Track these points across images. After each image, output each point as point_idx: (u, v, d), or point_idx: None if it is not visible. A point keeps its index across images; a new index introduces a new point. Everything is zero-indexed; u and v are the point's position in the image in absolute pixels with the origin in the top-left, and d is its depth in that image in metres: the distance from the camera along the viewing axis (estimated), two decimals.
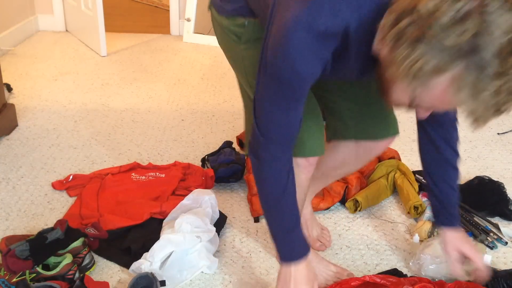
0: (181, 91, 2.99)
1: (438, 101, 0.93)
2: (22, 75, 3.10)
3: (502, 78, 0.84)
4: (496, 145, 2.47)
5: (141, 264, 1.52)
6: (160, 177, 2.05)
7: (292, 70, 1.04)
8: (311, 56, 1.02)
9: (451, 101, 0.90)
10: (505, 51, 0.82)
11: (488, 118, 0.89)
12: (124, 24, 4.11)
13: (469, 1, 0.82)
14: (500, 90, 0.85)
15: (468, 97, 0.87)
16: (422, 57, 0.85)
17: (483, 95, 0.85)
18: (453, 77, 0.86)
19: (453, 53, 0.84)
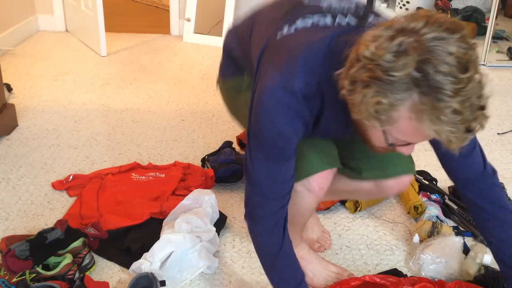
0: (181, 91, 2.99)
1: (409, 133, 0.97)
2: (22, 75, 3.10)
3: (460, 95, 0.87)
4: (496, 145, 2.47)
5: (141, 264, 1.52)
6: (160, 177, 2.05)
7: (274, 132, 1.13)
8: (291, 117, 1.12)
9: (420, 130, 0.94)
10: (455, 69, 0.86)
11: (462, 137, 0.92)
12: (124, 24, 4.11)
13: (406, 36, 0.88)
14: (463, 107, 0.88)
15: (432, 121, 0.90)
16: (377, 96, 0.91)
17: (446, 115, 0.89)
18: (411, 107, 0.91)
19: (404, 84, 0.89)
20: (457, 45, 0.88)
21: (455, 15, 4.24)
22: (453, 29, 0.89)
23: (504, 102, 2.99)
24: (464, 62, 0.88)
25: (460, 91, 0.87)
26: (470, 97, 0.88)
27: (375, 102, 0.91)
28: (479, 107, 0.91)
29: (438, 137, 0.93)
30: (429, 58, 0.87)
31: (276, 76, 1.10)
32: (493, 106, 2.93)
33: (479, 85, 0.91)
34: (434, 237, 1.71)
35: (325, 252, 1.70)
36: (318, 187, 1.35)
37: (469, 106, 0.88)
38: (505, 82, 3.31)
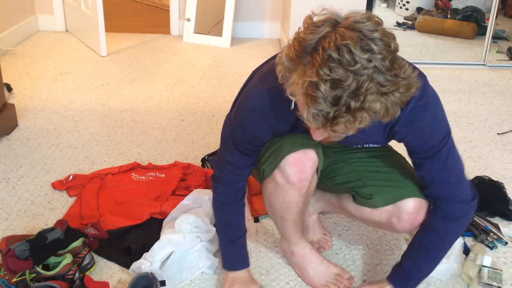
0: (181, 91, 2.99)
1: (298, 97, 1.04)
2: (22, 75, 3.10)
3: (325, 78, 0.96)
4: (496, 145, 2.47)
5: (141, 264, 1.52)
6: (160, 177, 2.05)
7: (246, 131, 1.30)
8: (260, 118, 1.28)
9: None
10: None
11: (316, 117, 0.99)
12: (124, 24, 4.11)
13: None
14: (325, 87, 0.96)
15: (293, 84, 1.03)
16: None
17: (304, 83, 0.99)
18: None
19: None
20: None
21: (455, 15, 4.24)
22: None
23: (504, 102, 2.99)
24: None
25: (327, 72, 0.94)
26: (340, 87, 0.94)
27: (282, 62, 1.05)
28: (346, 103, 0.95)
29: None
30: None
31: (257, 81, 1.29)
32: (493, 106, 2.93)
33: (357, 84, 0.94)
34: None
35: (325, 252, 1.70)
36: (296, 177, 1.35)
37: (334, 91, 0.95)
38: (505, 82, 3.31)
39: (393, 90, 0.98)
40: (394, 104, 1.00)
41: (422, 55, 3.75)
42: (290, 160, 1.34)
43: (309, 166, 1.36)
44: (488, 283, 1.56)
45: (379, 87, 0.96)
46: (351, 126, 0.99)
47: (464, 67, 3.54)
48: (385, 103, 0.98)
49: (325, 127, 1.00)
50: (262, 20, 4.04)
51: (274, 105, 1.25)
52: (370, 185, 1.44)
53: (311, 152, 1.36)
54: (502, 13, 4.55)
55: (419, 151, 1.27)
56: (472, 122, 2.71)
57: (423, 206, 1.40)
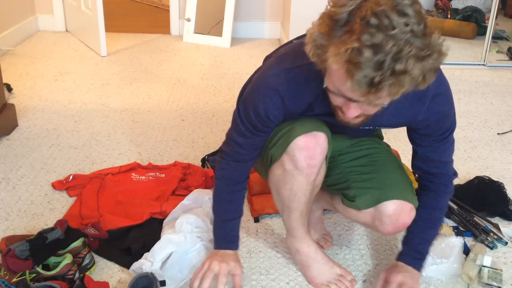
0: (181, 91, 2.99)
1: (334, 75, 1.05)
2: (22, 75, 3.10)
3: (369, 41, 0.97)
4: (496, 145, 2.47)
5: (142, 264, 1.52)
6: (160, 177, 2.05)
7: (256, 111, 1.30)
8: (275, 98, 1.28)
9: (334, 69, 1.04)
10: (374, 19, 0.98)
11: (359, 83, 0.99)
12: (124, 24, 4.11)
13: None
14: (369, 52, 0.96)
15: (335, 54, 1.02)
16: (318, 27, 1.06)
17: (348, 50, 0.99)
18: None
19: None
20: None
21: (455, 15, 4.24)
22: None
23: (504, 102, 2.99)
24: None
25: (369, 37, 0.95)
26: (382, 51, 0.95)
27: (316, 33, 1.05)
28: (391, 67, 0.96)
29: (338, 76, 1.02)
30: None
31: (273, 62, 1.30)
32: (493, 106, 2.93)
33: (398, 48, 0.95)
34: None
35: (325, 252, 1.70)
36: (305, 162, 1.35)
37: (376, 56, 0.95)
38: (505, 82, 3.31)
39: (429, 55, 0.99)
40: (430, 70, 1.01)
41: None
42: (299, 144, 1.33)
43: (318, 151, 1.35)
44: (488, 283, 1.56)
45: (418, 51, 0.97)
46: (395, 90, 1.00)
47: (464, 67, 3.54)
48: (422, 68, 0.99)
49: (369, 94, 1.00)
50: (262, 20, 4.04)
51: (290, 85, 1.25)
52: (354, 187, 1.46)
53: (322, 136, 1.35)
54: (502, 13, 4.55)
55: (432, 135, 1.35)
56: (472, 122, 2.71)
57: (405, 208, 1.41)
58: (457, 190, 1.98)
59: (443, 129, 1.35)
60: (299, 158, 1.35)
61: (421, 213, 1.46)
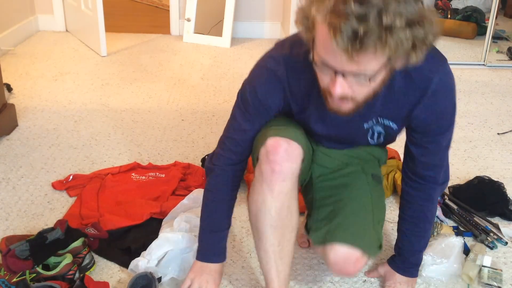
0: (181, 91, 2.99)
1: (321, 43, 0.99)
2: (22, 75, 3.10)
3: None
4: (496, 145, 2.47)
5: (139, 261, 1.52)
6: (160, 177, 2.05)
7: (254, 96, 1.26)
8: (273, 84, 1.24)
9: (321, 32, 0.98)
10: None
11: (344, 39, 0.93)
12: (124, 24, 4.11)
13: None
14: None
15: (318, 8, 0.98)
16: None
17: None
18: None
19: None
20: None
21: (455, 15, 4.24)
22: None
23: (504, 102, 2.99)
24: None
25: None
26: (368, 3, 0.90)
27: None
28: (376, 20, 0.90)
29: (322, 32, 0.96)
30: None
31: (273, 48, 1.27)
32: (493, 106, 2.93)
33: (385, 2, 0.91)
34: (435, 237, 1.71)
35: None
36: (269, 166, 1.21)
37: (362, 7, 0.90)
38: (505, 82, 3.31)
39: (418, 21, 0.94)
40: (420, 42, 0.96)
41: None
42: (267, 146, 1.23)
43: (285, 158, 1.21)
44: (488, 283, 1.56)
45: (406, 12, 0.92)
46: (380, 49, 0.93)
47: (464, 67, 3.54)
48: (411, 35, 0.94)
49: (352, 51, 0.92)
50: (262, 20, 4.04)
51: (289, 72, 1.22)
52: (313, 218, 1.36)
53: (295, 147, 1.23)
54: (502, 13, 4.55)
55: (428, 134, 1.27)
56: (472, 122, 2.71)
57: (350, 257, 1.25)
58: (457, 190, 1.98)
59: (441, 129, 1.26)
60: (263, 163, 1.23)
61: (408, 227, 1.42)
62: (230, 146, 1.34)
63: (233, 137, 1.34)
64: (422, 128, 1.26)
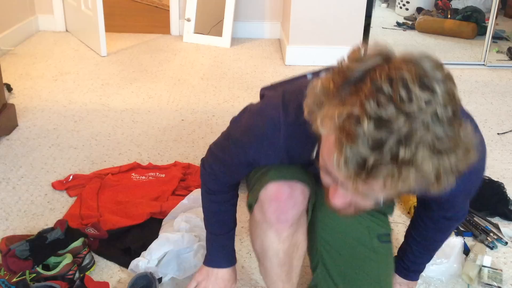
0: (181, 91, 2.99)
1: (325, 149, 0.83)
2: (22, 75, 3.10)
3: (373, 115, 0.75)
4: (496, 145, 2.47)
5: (139, 261, 1.52)
6: (160, 177, 2.05)
7: (241, 153, 1.13)
8: (264, 147, 1.09)
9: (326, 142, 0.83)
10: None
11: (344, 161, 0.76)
12: (124, 24, 4.11)
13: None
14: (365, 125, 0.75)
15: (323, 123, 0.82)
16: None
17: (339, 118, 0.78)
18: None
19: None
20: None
21: (455, 15, 4.24)
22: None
23: (504, 102, 2.99)
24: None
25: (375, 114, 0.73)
26: (387, 128, 0.73)
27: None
28: (393, 151, 0.73)
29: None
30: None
31: (276, 104, 1.07)
32: (493, 106, 2.93)
33: (409, 128, 0.73)
34: None
35: None
36: (274, 215, 1.13)
37: (378, 132, 0.73)
38: (505, 82, 3.31)
39: (450, 150, 0.75)
40: (447, 172, 0.76)
41: None
42: (269, 194, 1.12)
43: (291, 205, 1.13)
44: (488, 283, 1.56)
45: (435, 140, 0.73)
46: (393, 184, 0.75)
47: (464, 67, 3.54)
48: (437, 165, 0.75)
49: (356, 180, 0.76)
50: (262, 20, 4.04)
51: (289, 141, 1.06)
52: (320, 275, 1.29)
53: (298, 188, 1.13)
54: (502, 13, 4.55)
55: (454, 201, 1.20)
56: None
57: None
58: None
59: (467, 195, 1.18)
60: (267, 210, 1.13)
61: (416, 247, 1.37)
62: (220, 172, 1.24)
63: (221, 169, 1.23)
64: (447, 197, 1.15)
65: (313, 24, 3.36)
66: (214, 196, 1.30)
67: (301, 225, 1.20)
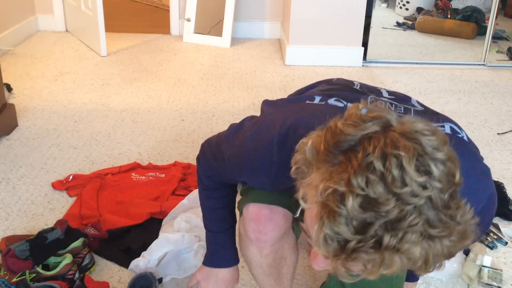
0: (181, 91, 2.99)
1: (308, 207, 0.77)
2: (22, 75, 3.10)
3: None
4: (496, 145, 2.47)
5: (139, 261, 1.52)
6: (160, 177, 2.05)
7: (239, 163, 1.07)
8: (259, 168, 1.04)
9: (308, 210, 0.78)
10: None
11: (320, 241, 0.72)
12: (124, 24, 4.11)
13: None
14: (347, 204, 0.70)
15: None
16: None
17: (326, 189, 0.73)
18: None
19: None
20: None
21: (455, 15, 4.24)
22: None
23: (504, 102, 2.99)
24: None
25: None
26: (374, 210, 0.68)
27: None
28: (376, 236, 0.68)
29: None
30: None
31: (281, 123, 1.02)
32: (493, 106, 2.93)
33: (399, 214, 0.67)
34: None
35: None
36: (253, 235, 1.12)
37: (363, 214, 0.68)
38: (505, 82, 3.31)
39: (443, 236, 0.70)
40: (438, 255, 0.71)
41: (422, 55, 3.75)
42: (249, 214, 1.12)
43: (270, 228, 1.11)
44: (488, 283, 1.56)
45: (427, 227, 0.68)
46: (373, 269, 0.70)
47: (464, 67, 3.54)
48: (426, 250, 0.69)
49: (335, 260, 0.71)
50: (262, 20, 4.04)
51: (278, 182, 1.02)
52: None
53: (279, 212, 1.11)
54: (502, 13, 4.55)
55: None
56: (472, 122, 2.71)
57: None
58: None
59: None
60: (248, 229, 1.13)
61: None
62: (213, 174, 1.21)
63: (213, 172, 1.20)
64: None
65: (313, 24, 3.36)
66: (210, 192, 1.25)
67: (286, 241, 1.19)
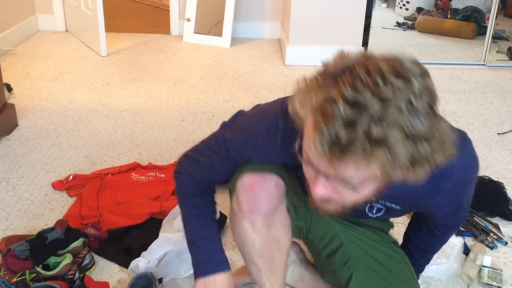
0: (181, 91, 2.99)
1: (306, 138, 0.87)
2: (22, 75, 3.10)
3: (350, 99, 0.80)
4: (496, 145, 2.47)
5: (139, 261, 1.52)
6: (160, 177, 2.05)
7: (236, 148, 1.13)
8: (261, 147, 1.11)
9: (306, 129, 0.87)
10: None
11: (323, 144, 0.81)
12: (124, 24, 4.10)
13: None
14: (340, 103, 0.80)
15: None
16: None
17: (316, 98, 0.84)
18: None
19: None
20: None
21: (455, 15, 4.24)
22: None
23: (504, 102, 2.99)
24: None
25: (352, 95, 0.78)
26: (361, 110, 0.77)
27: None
28: (364, 128, 0.77)
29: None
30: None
31: (277, 110, 1.09)
32: (493, 106, 2.93)
33: (383, 109, 0.77)
34: None
35: None
36: (246, 205, 1.15)
37: (351, 112, 0.77)
38: (505, 82, 3.31)
39: (423, 139, 0.79)
40: (422, 159, 0.80)
41: (422, 55, 3.75)
42: (243, 183, 1.15)
43: (263, 197, 1.15)
44: (488, 283, 1.56)
45: (409, 125, 0.77)
46: (364, 162, 0.79)
47: (464, 67, 3.54)
48: (411, 151, 0.78)
49: (332, 158, 0.79)
50: (262, 20, 4.04)
51: (285, 149, 1.06)
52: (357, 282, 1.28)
53: (272, 180, 1.15)
54: (502, 13, 4.55)
55: (445, 216, 1.23)
56: (472, 122, 2.71)
57: None
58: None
59: (459, 211, 1.21)
60: (241, 200, 1.16)
61: (415, 251, 1.38)
62: (200, 176, 1.23)
63: (202, 174, 1.22)
64: (438, 214, 1.20)
65: (313, 24, 3.36)
66: (194, 198, 1.25)
67: (280, 221, 1.21)
